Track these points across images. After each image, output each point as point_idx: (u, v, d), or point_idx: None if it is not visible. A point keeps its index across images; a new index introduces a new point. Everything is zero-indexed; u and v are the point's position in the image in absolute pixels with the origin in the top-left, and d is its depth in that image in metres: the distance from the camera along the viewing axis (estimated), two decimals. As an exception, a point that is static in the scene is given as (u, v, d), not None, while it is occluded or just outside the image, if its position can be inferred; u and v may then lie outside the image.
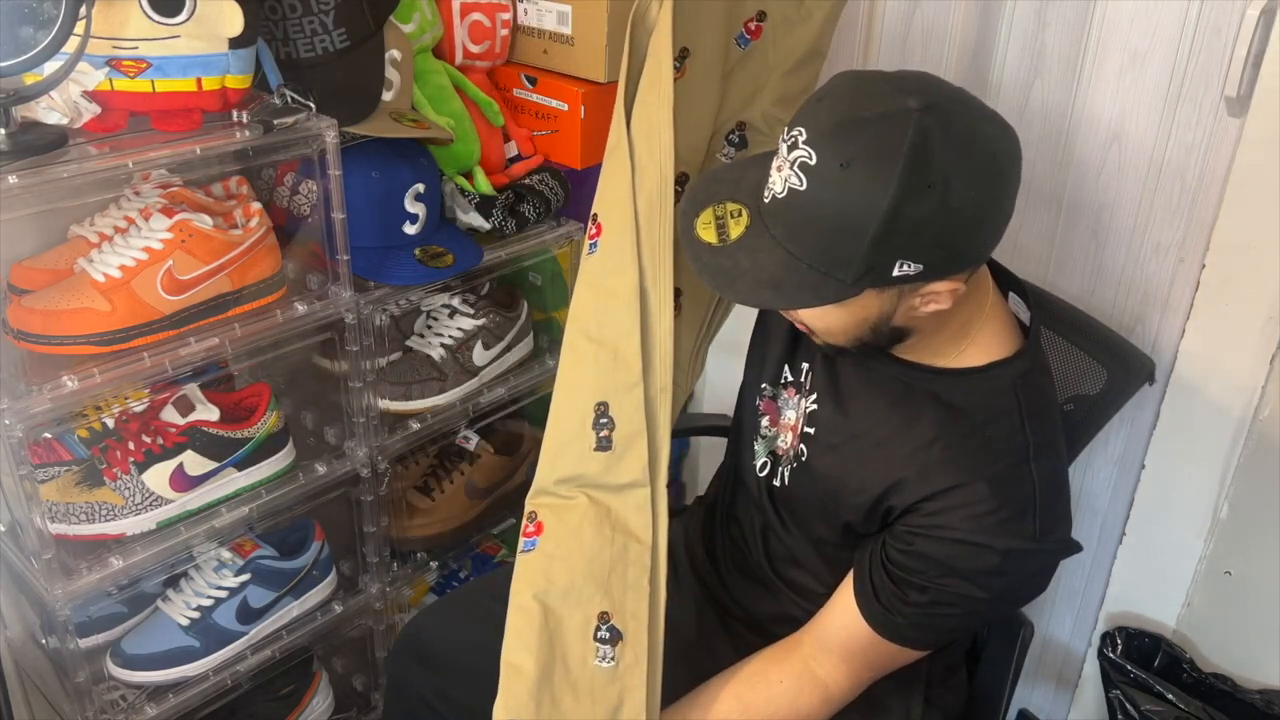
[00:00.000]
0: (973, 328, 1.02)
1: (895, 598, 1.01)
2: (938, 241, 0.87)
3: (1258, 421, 1.28)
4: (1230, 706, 1.33)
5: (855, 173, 0.85)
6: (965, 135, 0.87)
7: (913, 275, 0.89)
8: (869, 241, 0.86)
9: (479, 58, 1.54)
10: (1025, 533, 0.96)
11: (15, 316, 1.12)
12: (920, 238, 0.87)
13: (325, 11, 1.24)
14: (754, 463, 1.17)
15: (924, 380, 1.03)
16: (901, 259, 0.87)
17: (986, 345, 1.03)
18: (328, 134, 1.20)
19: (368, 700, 1.62)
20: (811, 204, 0.88)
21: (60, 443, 1.28)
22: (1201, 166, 1.29)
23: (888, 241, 0.86)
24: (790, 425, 1.13)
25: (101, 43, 1.05)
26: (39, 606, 1.30)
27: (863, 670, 1.06)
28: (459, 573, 1.79)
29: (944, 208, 0.85)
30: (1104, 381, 1.24)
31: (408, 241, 1.37)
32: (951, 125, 0.86)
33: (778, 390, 1.17)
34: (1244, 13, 1.17)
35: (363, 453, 1.41)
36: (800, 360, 1.14)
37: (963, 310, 1.00)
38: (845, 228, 0.87)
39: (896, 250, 0.87)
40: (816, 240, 0.89)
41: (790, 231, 0.91)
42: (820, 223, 0.88)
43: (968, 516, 0.96)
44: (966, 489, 0.97)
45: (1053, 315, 1.30)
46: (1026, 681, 1.64)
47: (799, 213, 0.89)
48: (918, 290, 0.92)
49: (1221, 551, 1.36)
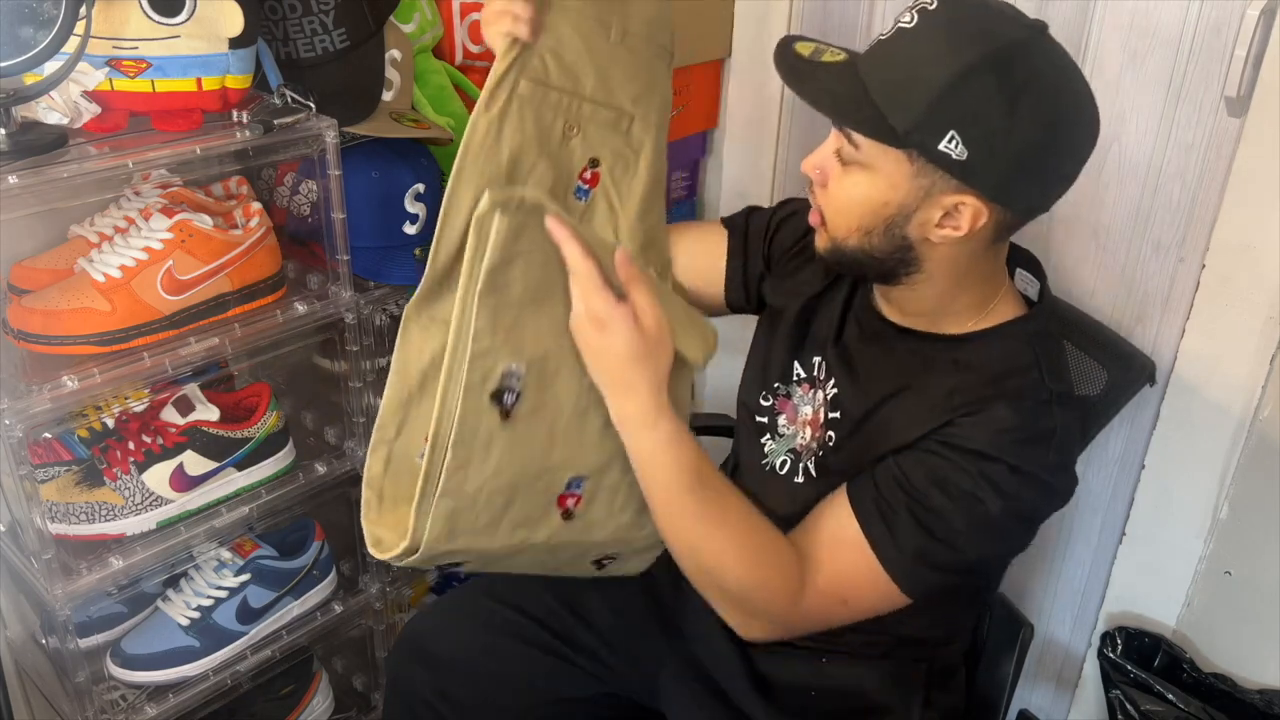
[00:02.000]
0: (990, 301, 1.04)
1: (892, 484, 0.99)
2: (989, 140, 0.89)
3: (1258, 421, 1.28)
4: (1230, 706, 1.33)
5: (958, 31, 0.89)
6: (1060, 75, 0.91)
7: (954, 161, 0.90)
8: (937, 92, 0.88)
9: (479, 58, 1.54)
10: (1040, 460, 0.97)
11: (15, 316, 1.12)
12: (978, 121, 0.88)
13: (325, 11, 1.24)
14: (765, 463, 1.16)
15: (940, 349, 1.04)
16: (954, 131, 0.88)
17: (1001, 315, 1.04)
18: (328, 134, 1.20)
19: (368, 700, 1.62)
20: (908, 42, 0.91)
21: (60, 443, 1.28)
22: (1201, 166, 1.29)
23: (950, 101, 0.88)
24: (809, 420, 1.13)
25: (101, 43, 1.05)
26: (39, 606, 1.30)
27: (836, 580, 1.02)
28: (459, 573, 1.79)
29: (1009, 110, 0.88)
30: (1104, 382, 1.24)
31: (408, 241, 1.37)
32: (1055, 60, 0.91)
33: (791, 388, 1.16)
34: (1244, 13, 1.17)
35: (363, 453, 1.40)
36: (811, 356, 1.14)
37: (982, 284, 1.02)
38: (921, 73, 0.89)
39: (952, 118, 0.88)
40: (892, 74, 0.92)
41: (875, 65, 0.94)
42: (905, 61, 0.91)
43: (988, 433, 0.97)
44: (988, 411, 0.98)
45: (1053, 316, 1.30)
46: (1026, 682, 1.64)
47: (893, 47, 0.93)
48: (947, 192, 0.92)
49: (1221, 551, 1.36)
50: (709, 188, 1.86)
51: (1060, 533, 1.55)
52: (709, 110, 1.76)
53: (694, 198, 1.84)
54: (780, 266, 1.21)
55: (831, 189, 0.99)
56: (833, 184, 0.99)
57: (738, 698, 1.17)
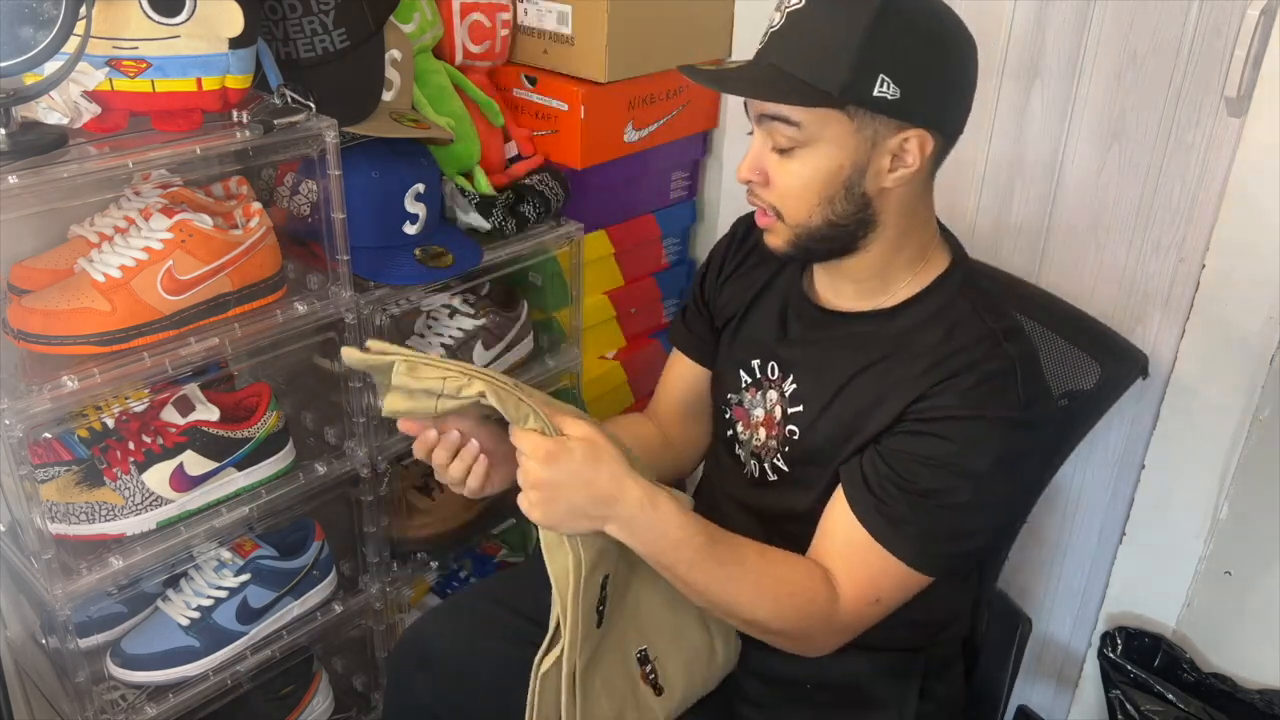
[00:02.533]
0: (927, 251, 1.08)
1: (890, 485, 1.01)
2: (912, 73, 0.95)
3: (1258, 421, 1.28)
4: (1230, 706, 1.33)
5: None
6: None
7: (891, 102, 0.95)
8: (857, 42, 0.93)
9: (479, 58, 1.54)
10: (1010, 401, 1.00)
11: (15, 316, 1.12)
12: (898, 58, 0.94)
13: (325, 11, 1.24)
14: (745, 472, 1.18)
15: (884, 323, 1.08)
16: (883, 73, 0.94)
17: (934, 268, 1.08)
18: (328, 134, 1.20)
19: (368, 700, 1.62)
20: (808, 16, 0.97)
21: (60, 443, 1.28)
22: (1201, 166, 1.29)
23: (870, 50, 0.93)
24: (761, 421, 1.16)
25: (101, 43, 1.05)
26: (39, 606, 1.30)
27: (864, 585, 1.04)
28: (459, 573, 1.79)
29: (918, 40, 0.95)
30: (1097, 376, 1.24)
31: (408, 241, 1.37)
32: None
33: (741, 395, 1.19)
34: (1244, 13, 1.17)
35: (363, 453, 1.41)
36: (751, 360, 1.17)
37: (920, 230, 1.06)
38: (836, 32, 0.94)
39: (880, 61, 0.94)
40: (809, 49, 0.96)
41: (786, 51, 0.98)
42: (814, 31, 0.96)
43: (954, 395, 1.00)
44: (952, 378, 1.01)
45: (1045, 311, 1.30)
46: (1027, 680, 1.64)
47: (795, 29, 0.97)
48: (890, 136, 0.97)
49: (1221, 551, 1.36)
50: (709, 188, 1.86)
51: (1060, 533, 1.55)
52: (709, 110, 1.76)
53: (694, 198, 1.84)
54: (717, 306, 1.26)
55: (778, 181, 1.02)
56: (777, 176, 1.02)
57: (735, 692, 1.17)
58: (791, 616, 1.04)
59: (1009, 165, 1.46)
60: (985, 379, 1.00)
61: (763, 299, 1.20)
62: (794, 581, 1.04)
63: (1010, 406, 1.00)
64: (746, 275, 1.23)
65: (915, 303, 1.07)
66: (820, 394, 1.10)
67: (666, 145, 1.71)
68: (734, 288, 1.24)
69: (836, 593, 1.04)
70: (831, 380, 1.09)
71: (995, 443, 1.00)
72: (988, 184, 1.49)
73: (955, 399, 1.00)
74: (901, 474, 1.01)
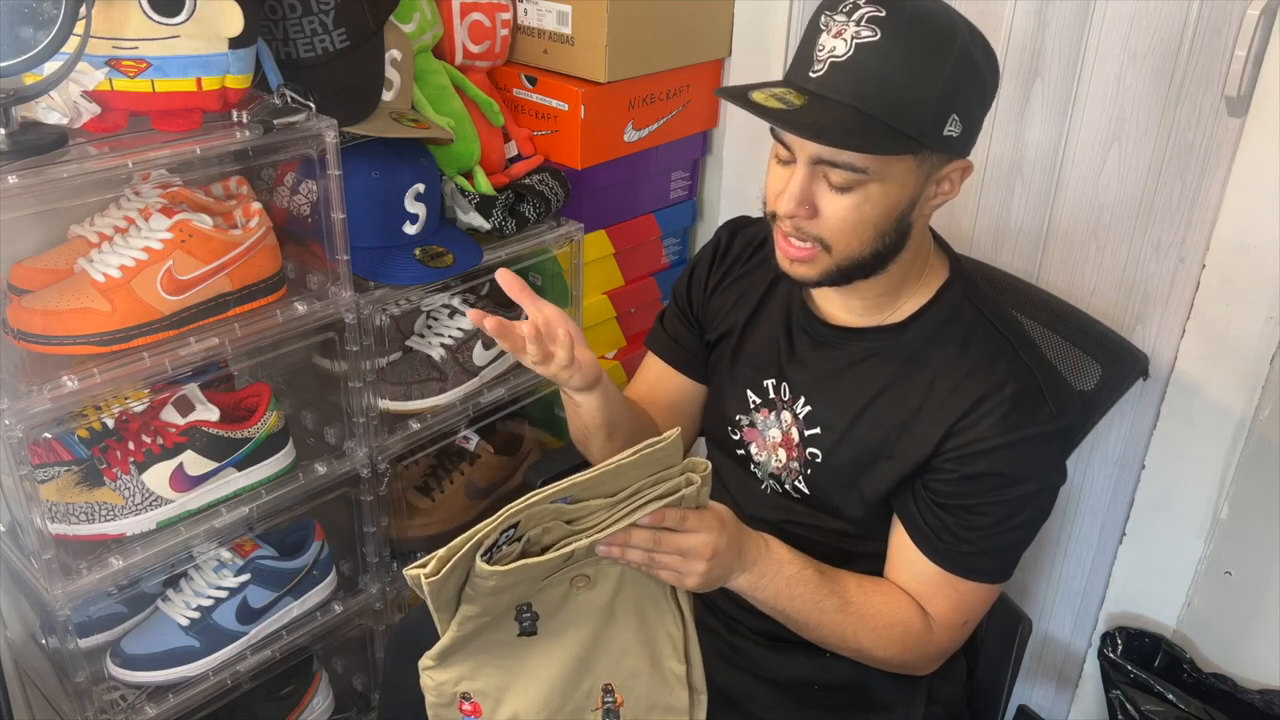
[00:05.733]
0: (926, 258, 1.08)
1: (958, 529, 1.03)
2: (975, 106, 0.96)
3: (1258, 421, 1.28)
4: (1230, 706, 1.33)
5: (927, 22, 0.92)
6: (965, 25, 0.96)
7: (955, 139, 0.95)
8: (940, 87, 0.91)
9: (479, 58, 1.54)
10: (1044, 416, 1.01)
11: (15, 316, 1.12)
12: (968, 99, 0.94)
13: (325, 11, 1.24)
14: (763, 487, 1.18)
15: (895, 339, 1.07)
16: (955, 114, 0.93)
17: (935, 275, 1.08)
18: (328, 134, 1.20)
19: (368, 700, 1.62)
20: (884, 53, 0.90)
21: (60, 443, 1.28)
22: (1201, 166, 1.29)
23: (950, 94, 0.92)
24: (779, 442, 1.15)
25: (101, 43, 1.05)
26: (39, 606, 1.30)
27: (950, 614, 1.07)
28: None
29: (982, 80, 0.96)
30: (1098, 376, 1.24)
31: (408, 241, 1.37)
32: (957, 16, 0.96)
33: (752, 416, 1.18)
34: (1244, 13, 1.16)
35: (363, 453, 1.41)
36: (762, 380, 1.16)
37: (921, 240, 1.05)
38: (918, 75, 0.91)
39: (955, 104, 0.93)
40: (888, 91, 0.91)
41: (861, 90, 0.92)
42: (894, 73, 0.91)
43: (993, 422, 1.00)
44: (982, 403, 1.01)
45: (1045, 311, 1.30)
46: (1027, 680, 1.64)
47: (869, 66, 0.91)
48: (942, 168, 0.98)
49: (1221, 551, 1.36)
50: (709, 188, 1.86)
51: (1060, 533, 1.55)
52: (709, 110, 1.76)
53: (694, 198, 1.84)
54: (707, 317, 1.24)
55: (832, 215, 0.97)
56: (831, 210, 0.97)
57: (742, 693, 1.17)
58: (892, 646, 1.07)
59: (1009, 165, 1.46)
60: (1016, 401, 1.01)
61: (762, 315, 1.18)
62: (889, 613, 1.07)
63: (1046, 420, 1.01)
64: (735, 285, 1.21)
65: (923, 315, 1.07)
66: (841, 417, 1.09)
67: (666, 145, 1.71)
68: (724, 299, 1.22)
69: (930, 622, 1.07)
70: (851, 403, 1.09)
71: (1041, 457, 1.03)
72: (988, 184, 1.49)
73: (993, 427, 1.00)
74: (965, 520, 1.03)
